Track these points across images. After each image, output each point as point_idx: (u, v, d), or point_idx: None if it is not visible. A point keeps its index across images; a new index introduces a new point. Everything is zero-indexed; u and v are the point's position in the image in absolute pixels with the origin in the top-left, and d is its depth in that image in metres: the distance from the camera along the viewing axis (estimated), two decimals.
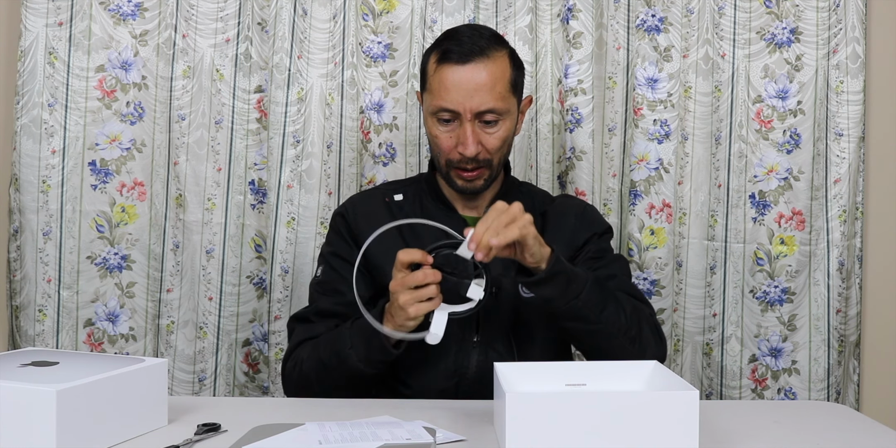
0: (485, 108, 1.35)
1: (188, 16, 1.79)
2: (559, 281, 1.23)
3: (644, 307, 1.38)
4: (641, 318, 1.34)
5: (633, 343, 1.30)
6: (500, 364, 1.10)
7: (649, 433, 0.95)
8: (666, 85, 1.84)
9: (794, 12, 1.83)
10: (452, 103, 1.35)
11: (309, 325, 1.40)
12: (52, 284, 1.76)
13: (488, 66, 1.35)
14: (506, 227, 1.15)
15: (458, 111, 1.35)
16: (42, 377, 0.97)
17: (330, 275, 1.43)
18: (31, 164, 1.75)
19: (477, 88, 1.34)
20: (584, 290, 1.24)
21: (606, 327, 1.27)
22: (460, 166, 1.39)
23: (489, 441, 1.04)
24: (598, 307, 1.26)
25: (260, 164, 1.82)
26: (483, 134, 1.37)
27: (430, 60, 1.40)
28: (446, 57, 1.36)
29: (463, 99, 1.34)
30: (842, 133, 1.82)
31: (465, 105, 1.34)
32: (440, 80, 1.36)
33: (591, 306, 1.25)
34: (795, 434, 1.10)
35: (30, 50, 1.74)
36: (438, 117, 1.38)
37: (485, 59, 1.35)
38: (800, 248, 1.83)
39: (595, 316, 1.26)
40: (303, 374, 1.36)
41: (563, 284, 1.23)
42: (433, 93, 1.38)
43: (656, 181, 1.84)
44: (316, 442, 0.98)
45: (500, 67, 1.37)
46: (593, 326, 1.27)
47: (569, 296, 1.24)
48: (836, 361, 1.84)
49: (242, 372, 1.83)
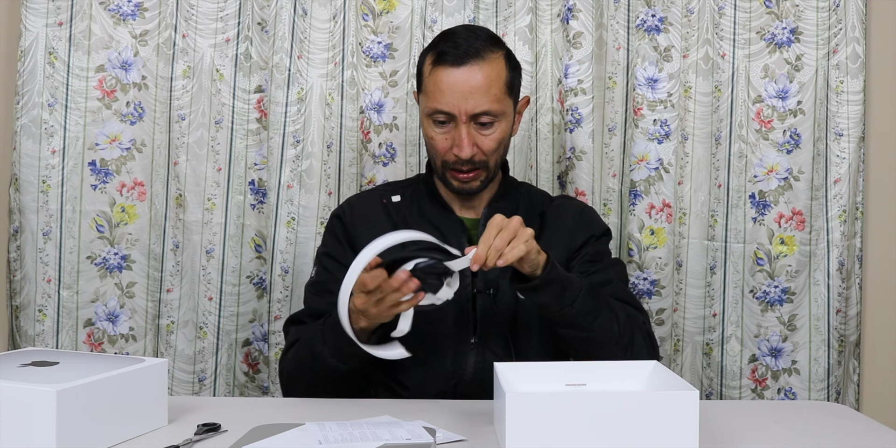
0: (480, 111, 1.35)
1: (188, 16, 1.79)
2: (554, 288, 1.23)
3: (638, 314, 1.38)
4: (635, 326, 1.34)
5: (624, 351, 1.30)
6: (499, 364, 1.10)
7: (649, 433, 0.95)
8: (666, 85, 1.84)
9: (794, 12, 1.83)
10: (447, 105, 1.35)
11: (302, 326, 1.40)
12: (52, 284, 1.76)
13: (483, 69, 1.34)
14: (509, 247, 1.14)
15: (453, 113, 1.35)
16: (42, 377, 0.97)
17: (323, 275, 1.43)
18: (31, 164, 1.75)
19: (472, 91, 1.34)
20: (577, 298, 1.24)
21: (599, 335, 1.27)
22: (456, 168, 1.39)
23: (489, 441, 1.04)
24: (591, 315, 1.26)
25: (260, 164, 1.82)
26: (478, 136, 1.37)
27: (425, 62, 1.40)
28: (441, 59, 1.35)
29: (458, 101, 1.34)
30: (842, 133, 1.82)
31: (460, 107, 1.34)
32: (435, 82, 1.36)
33: (584, 314, 1.25)
34: (795, 434, 1.10)
35: (30, 50, 1.74)
36: (434, 119, 1.38)
37: (480, 62, 1.34)
38: (800, 248, 1.83)
39: (588, 323, 1.26)
40: (288, 374, 1.37)
41: (558, 291, 1.23)
42: (428, 95, 1.38)
43: (656, 181, 1.84)
44: (316, 442, 0.98)
45: (496, 69, 1.36)
46: (586, 334, 1.27)
47: (563, 303, 1.24)
48: (836, 361, 1.84)
49: (242, 372, 1.83)
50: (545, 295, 1.23)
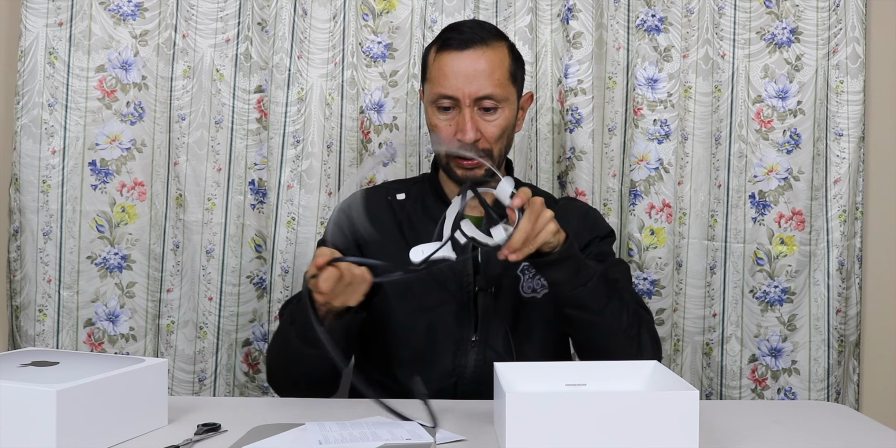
0: (483, 94, 1.36)
1: (188, 16, 1.79)
2: (569, 265, 1.24)
3: (644, 313, 1.39)
4: (641, 322, 1.34)
5: (630, 342, 1.30)
6: (499, 364, 1.10)
7: (649, 433, 0.95)
8: (666, 85, 1.84)
9: (794, 12, 1.83)
10: (451, 89, 1.36)
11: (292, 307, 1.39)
12: (52, 284, 1.76)
13: (486, 54, 1.36)
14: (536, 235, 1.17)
15: (456, 97, 1.36)
16: (42, 377, 0.97)
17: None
18: (31, 164, 1.75)
19: (475, 74, 1.35)
20: (591, 280, 1.25)
21: (608, 321, 1.28)
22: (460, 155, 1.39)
23: (489, 441, 1.04)
24: (602, 299, 1.27)
25: (260, 164, 1.82)
26: (482, 121, 1.38)
27: (430, 52, 1.42)
28: (446, 44, 1.38)
29: (462, 84, 1.35)
30: (842, 133, 1.82)
31: (463, 90, 1.35)
32: (439, 66, 1.38)
33: (596, 297, 1.26)
34: (795, 434, 1.10)
35: (30, 50, 1.74)
36: (438, 105, 1.39)
37: (484, 47, 1.37)
38: (800, 248, 1.83)
39: (598, 307, 1.27)
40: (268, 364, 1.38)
41: (573, 270, 1.25)
42: (433, 81, 1.39)
43: (656, 181, 1.84)
44: (316, 442, 0.98)
45: (499, 56, 1.38)
46: (595, 317, 1.27)
47: (577, 282, 1.25)
48: (835, 361, 1.84)
49: (242, 372, 1.83)
50: (560, 271, 1.24)
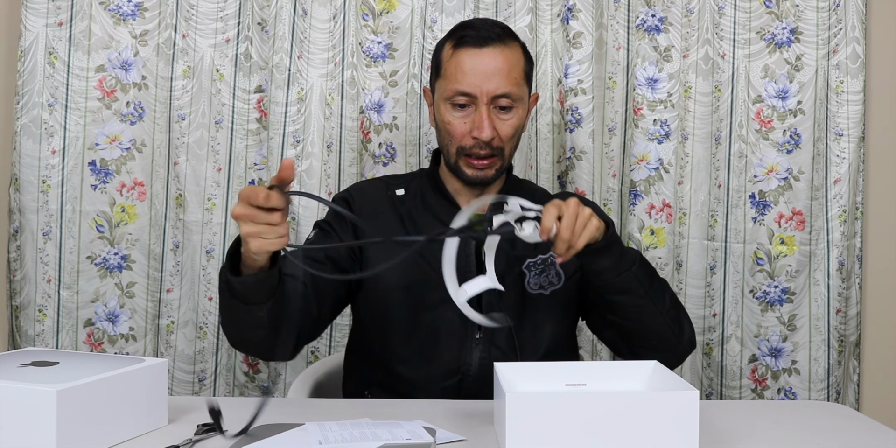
0: (501, 92, 1.35)
1: (188, 16, 1.79)
2: (614, 251, 1.26)
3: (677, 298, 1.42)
4: (679, 305, 1.38)
5: (674, 323, 1.33)
6: (500, 364, 1.10)
7: (649, 433, 0.95)
8: (666, 85, 1.84)
9: (794, 12, 1.83)
10: (469, 86, 1.35)
11: None
12: (52, 284, 1.76)
13: (504, 52, 1.36)
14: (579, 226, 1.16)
15: (474, 94, 1.35)
16: (42, 377, 0.97)
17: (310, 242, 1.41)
18: (31, 164, 1.75)
19: (494, 72, 1.35)
20: (635, 263, 1.28)
21: (654, 302, 1.30)
22: (472, 153, 1.38)
23: (489, 441, 1.04)
24: (647, 280, 1.29)
25: (260, 164, 1.82)
26: (497, 120, 1.37)
27: (444, 48, 1.41)
28: (463, 41, 1.37)
29: (480, 82, 1.35)
30: (842, 133, 1.82)
31: (481, 88, 1.35)
32: (457, 63, 1.37)
33: (641, 279, 1.28)
34: (795, 434, 1.10)
35: (30, 50, 1.74)
36: (454, 102, 1.38)
37: (501, 46, 1.37)
38: (800, 248, 1.83)
39: (644, 290, 1.29)
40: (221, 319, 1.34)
41: (618, 255, 1.27)
42: (449, 78, 1.38)
43: (656, 181, 1.84)
44: (316, 442, 0.98)
45: (516, 55, 1.39)
46: (641, 300, 1.29)
47: (622, 267, 1.27)
48: (836, 361, 1.84)
49: (242, 372, 1.83)
50: (607, 257, 1.25)
